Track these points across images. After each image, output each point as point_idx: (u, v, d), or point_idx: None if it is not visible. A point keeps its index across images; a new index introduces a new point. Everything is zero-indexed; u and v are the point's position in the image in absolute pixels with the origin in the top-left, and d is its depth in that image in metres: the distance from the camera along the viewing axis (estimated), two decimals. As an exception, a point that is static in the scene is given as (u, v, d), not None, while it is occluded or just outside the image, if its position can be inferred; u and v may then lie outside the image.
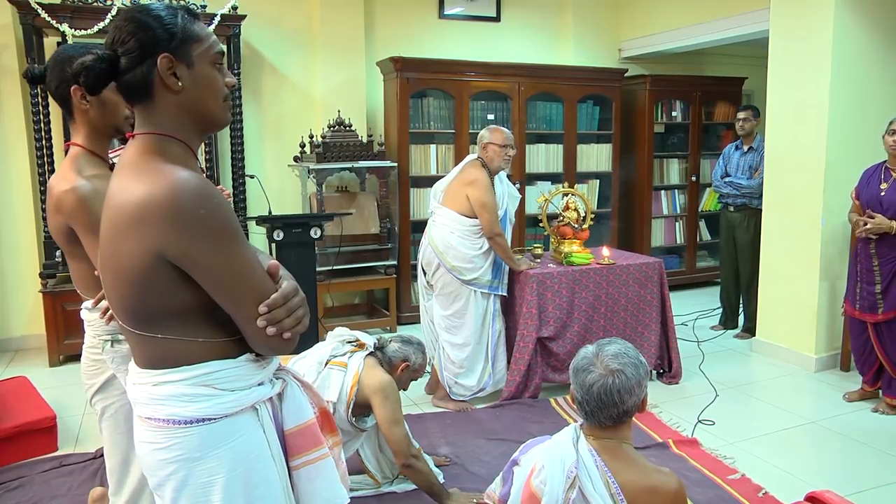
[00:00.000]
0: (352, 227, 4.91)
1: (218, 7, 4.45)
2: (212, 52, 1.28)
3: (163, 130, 1.24)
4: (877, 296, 3.56)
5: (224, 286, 1.20)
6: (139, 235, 1.16)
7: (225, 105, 1.32)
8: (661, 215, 6.32)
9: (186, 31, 1.24)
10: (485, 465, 2.99)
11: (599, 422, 1.69)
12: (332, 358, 2.64)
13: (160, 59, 1.21)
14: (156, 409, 1.25)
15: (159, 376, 1.25)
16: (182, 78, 1.23)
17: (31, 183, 4.58)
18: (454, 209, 3.61)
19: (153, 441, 1.26)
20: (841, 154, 4.05)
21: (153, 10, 1.23)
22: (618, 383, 1.64)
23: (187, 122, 1.27)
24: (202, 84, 1.26)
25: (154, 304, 1.22)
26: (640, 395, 1.69)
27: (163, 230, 1.15)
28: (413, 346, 2.79)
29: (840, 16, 3.97)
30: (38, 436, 3.10)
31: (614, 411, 1.65)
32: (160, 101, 1.24)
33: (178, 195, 1.15)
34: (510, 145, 3.63)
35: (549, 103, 5.69)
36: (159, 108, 1.24)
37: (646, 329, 3.92)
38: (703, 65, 6.74)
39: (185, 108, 1.26)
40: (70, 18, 4.15)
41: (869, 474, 2.95)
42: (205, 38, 1.28)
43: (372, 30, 5.45)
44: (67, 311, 4.29)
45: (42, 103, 4.31)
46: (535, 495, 1.67)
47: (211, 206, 1.17)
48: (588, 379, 1.67)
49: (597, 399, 1.65)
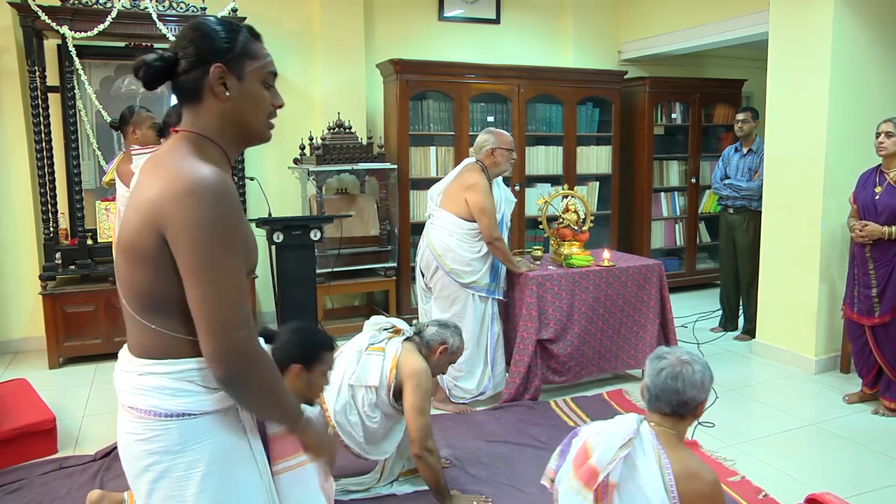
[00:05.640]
0: (352, 230, 4.91)
1: (218, 9, 4.45)
2: (264, 72, 1.37)
3: (205, 132, 1.33)
4: (873, 299, 3.57)
5: (194, 279, 1.22)
6: (154, 214, 1.22)
7: (267, 123, 1.39)
8: (661, 217, 6.32)
9: (244, 48, 1.34)
10: (485, 467, 2.99)
11: (660, 409, 1.82)
12: (370, 345, 2.69)
13: (213, 68, 1.30)
14: (139, 399, 1.30)
15: (146, 367, 1.30)
16: (231, 89, 1.32)
17: (31, 184, 4.58)
18: (453, 212, 3.61)
19: (134, 431, 1.31)
20: (840, 156, 4.05)
21: (218, 23, 1.34)
22: (684, 373, 1.79)
23: (228, 130, 1.35)
24: (248, 98, 1.34)
25: (159, 290, 1.26)
26: (699, 395, 1.80)
27: (169, 209, 1.20)
28: (450, 329, 2.84)
29: (839, 18, 3.97)
30: (37, 438, 3.10)
31: (675, 398, 1.79)
32: (207, 106, 1.33)
33: (195, 183, 1.21)
34: (514, 149, 3.71)
35: (548, 105, 5.69)
36: (205, 112, 1.33)
37: (645, 331, 3.92)
38: (702, 67, 6.75)
39: (228, 117, 1.34)
40: (70, 21, 4.15)
41: (869, 476, 2.95)
42: (260, 57, 1.37)
43: (372, 32, 5.46)
44: (67, 313, 4.29)
45: (42, 105, 4.31)
46: (588, 451, 1.81)
47: (220, 206, 1.22)
48: (660, 364, 1.84)
49: (662, 383, 1.81)
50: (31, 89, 4.24)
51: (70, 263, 4.41)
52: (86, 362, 4.38)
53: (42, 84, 4.33)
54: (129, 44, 4.67)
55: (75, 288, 4.36)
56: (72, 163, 4.35)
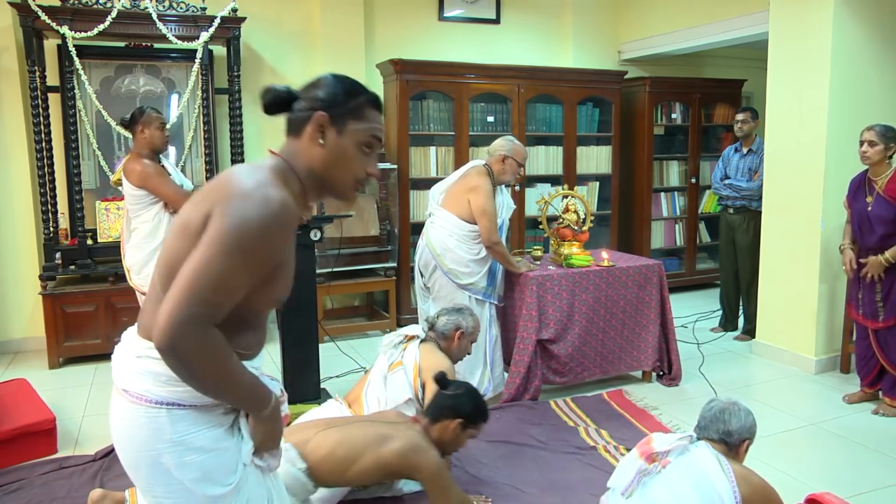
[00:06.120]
0: (352, 230, 4.92)
1: (218, 9, 4.45)
2: (365, 135, 1.41)
3: (293, 165, 1.40)
4: (878, 304, 3.58)
5: (198, 250, 1.24)
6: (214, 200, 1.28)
7: (353, 184, 1.43)
8: (661, 217, 6.33)
9: (355, 108, 1.40)
10: (484, 466, 2.99)
11: (709, 436, 2.10)
12: (390, 364, 2.74)
13: (318, 114, 1.37)
14: (133, 381, 1.35)
15: (146, 349, 1.34)
16: (326, 139, 1.38)
17: (31, 184, 4.58)
18: (455, 213, 3.61)
19: (126, 417, 1.35)
20: (840, 156, 4.05)
21: (349, 81, 1.42)
22: (731, 409, 2.12)
23: (313, 175, 1.40)
24: (339, 153, 1.39)
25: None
26: (743, 430, 2.09)
27: (226, 199, 1.26)
28: (462, 313, 2.87)
29: (839, 18, 3.97)
30: (37, 438, 3.10)
31: (721, 427, 2.09)
32: (303, 145, 1.40)
33: (258, 193, 1.27)
34: (524, 165, 3.74)
35: (548, 105, 5.69)
36: (300, 150, 1.40)
37: (645, 331, 3.92)
38: (702, 67, 6.75)
39: (316, 163, 1.39)
40: (70, 21, 4.15)
41: (869, 476, 2.95)
42: (367, 121, 1.41)
43: (372, 32, 5.46)
44: (67, 313, 4.29)
45: (42, 105, 4.32)
46: (650, 439, 2.12)
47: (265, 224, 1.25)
48: (712, 403, 2.18)
49: (711, 414, 2.13)
50: (31, 89, 4.24)
51: (70, 263, 4.41)
52: (86, 362, 4.38)
53: (42, 84, 4.33)
54: (129, 44, 4.67)
55: (75, 288, 4.36)
56: (72, 163, 4.35)
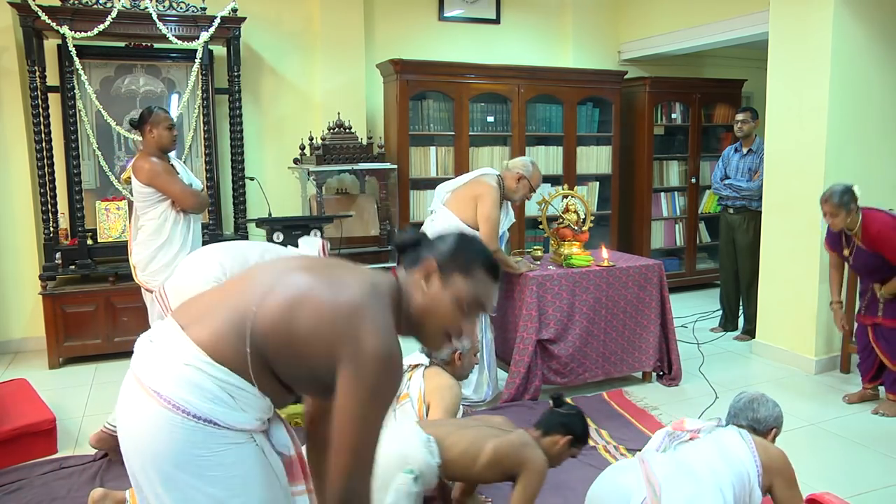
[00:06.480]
0: (351, 230, 4.91)
1: (218, 9, 4.45)
2: (469, 297, 1.43)
3: (403, 291, 1.44)
4: (878, 302, 3.60)
5: (346, 419, 1.28)
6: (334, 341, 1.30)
7: (442, 338, 1.46)
8: (661, 217, 6.32)
9: (467, 267, 1.43)
10: (485, 467, 2.99)
11: (738, 423, 2.25)
12: (398, 397, 2.75)
13: (429, 260, 1.43)
14: (171, 388, 1.29)
15: (198, 361, 1.30)
16: (430, 286, 1.42)
17: (31, 184, 4.58)
18: (458, 215, 3.61)
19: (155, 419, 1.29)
20: (840, 156, 4.05)
21: (469, 240, 1.48)
22: (758, 397, 2.31)
23: (409, 310, 1.44)
24: (438, 303, 1.42)
25: (293, 362, 1.34)
26: (771, 419, 2.27)
27: (353, 355, 1.28)
28: None
29: (839, 18, 3.97)
30: (37, 438, 3.09)
31: (750, 415, 2.27)
32: (412, 280, 1.44)
33: (383, 351, 1.29)
34: (535, 192, 3.76)
35: (548, 105, 5.69)
36: (409, 280, 1.45)
37: (645, 331, 3.92)
38: (702, 67, 6.75)
39: (415, 303, 1.43)
40: (70, 21, 4.15)
41: (869, 476, 2.95)
42: (475, 280, 1.43)
43: (372, 32, 5.46)
44: (67, 313, 4.29)
45: (42, 105, 4.32)
46: (683, 420, 2.22)
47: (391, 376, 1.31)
48: (741, 395, 2.36)
49: (741, 404, 2.31)
50: (31, 89, 4.24)
51: (70, 263, 4.41)
52: (86, 362, 4.38)
53: (42, 84, 4.33)
54: (129, 44, 4.67)
55: (75, 288, 4.36)
56: (72, 163, 4.35)
